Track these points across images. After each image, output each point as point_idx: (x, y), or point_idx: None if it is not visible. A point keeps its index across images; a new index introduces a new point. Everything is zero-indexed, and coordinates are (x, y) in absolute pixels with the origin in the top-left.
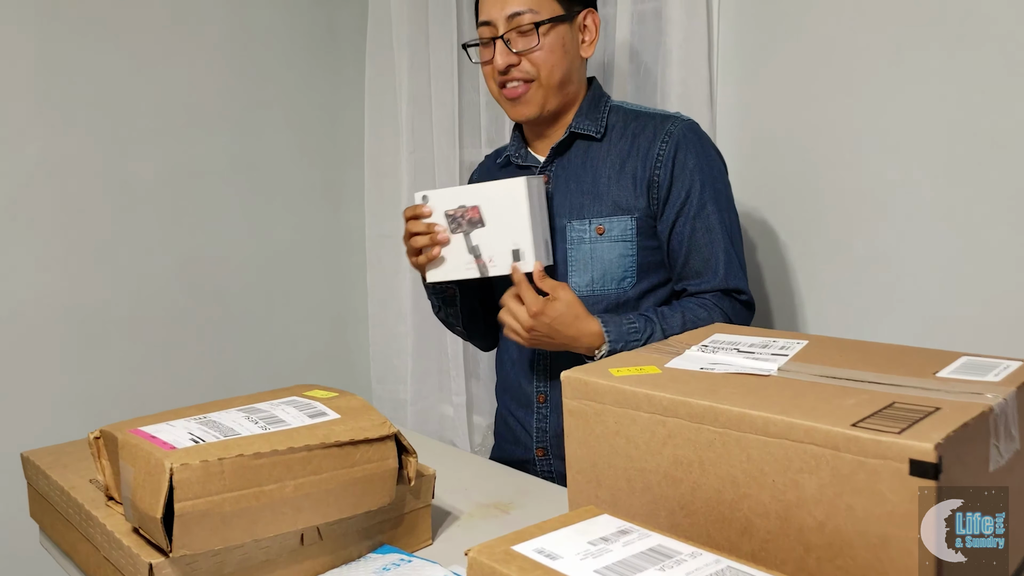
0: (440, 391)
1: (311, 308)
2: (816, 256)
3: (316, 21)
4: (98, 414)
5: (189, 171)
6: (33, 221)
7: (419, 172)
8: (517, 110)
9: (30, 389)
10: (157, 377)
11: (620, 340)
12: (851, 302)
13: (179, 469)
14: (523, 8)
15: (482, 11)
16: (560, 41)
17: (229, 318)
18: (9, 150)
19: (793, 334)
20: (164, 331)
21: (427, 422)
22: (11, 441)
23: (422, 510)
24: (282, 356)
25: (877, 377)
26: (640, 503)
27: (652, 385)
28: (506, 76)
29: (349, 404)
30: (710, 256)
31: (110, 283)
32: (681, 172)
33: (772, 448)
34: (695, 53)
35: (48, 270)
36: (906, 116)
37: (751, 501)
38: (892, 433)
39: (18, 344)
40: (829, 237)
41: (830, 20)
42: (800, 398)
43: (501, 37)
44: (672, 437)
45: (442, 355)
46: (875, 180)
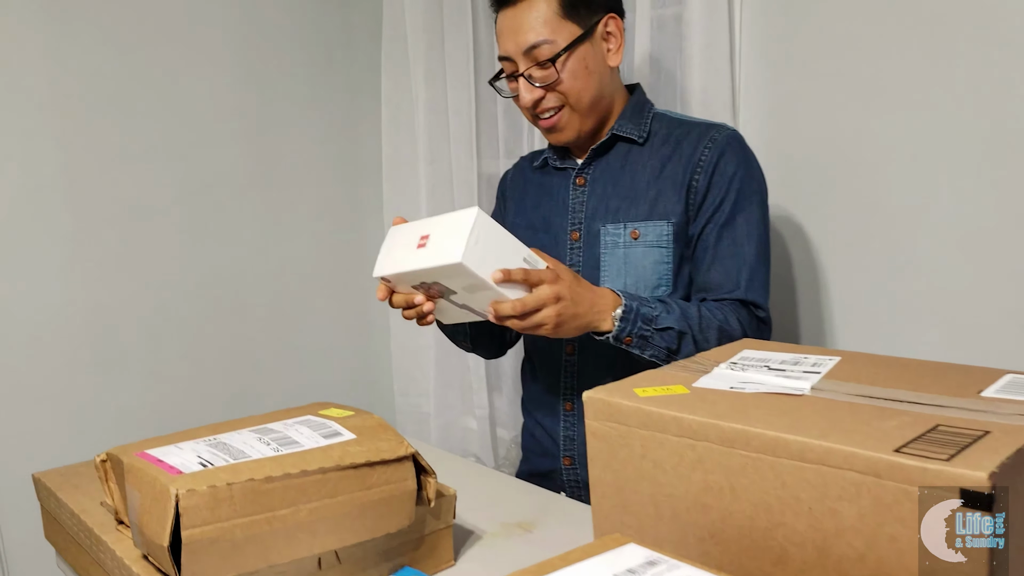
0: (463, 404)
1: (332, 320)
2: (843, 266)
3: (331, 33)
4: (117, 430)
5: (207, 184)
6: (51, 236)
7: (437, 182)
8: (555, 137)
9: (49, 405)
10: (178, 392)
11: (634, 299)
12: (882, 315)
13: (185, 495)
14: (538, 40)
15: (500, 44)
16: (582, 63)
17: (249, 332)
18: (26, 165)
19: (824, 350)
20: (184, 346)
21: (451, 435)
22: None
23: (443, 531)
24: (303, 369)
25: (917, 397)
26: (668, 530)
27: (679, 406)
28: (536, 109)
29: (365, 423)
30: (732, 267)
31: (129, 298)
32: (720, 179)
33: (808, 474)
34: (717, 59)
35: (66, 285)
36: (936, 121)
37: (786, 529)
38: (940, 460)
39: (36, 360)
40: (857, 247)
41: (855, 23)
42: (836, 420)
43: (522, 74)
44: (702, 461)
45: (464, 368)
46: (905, 187)
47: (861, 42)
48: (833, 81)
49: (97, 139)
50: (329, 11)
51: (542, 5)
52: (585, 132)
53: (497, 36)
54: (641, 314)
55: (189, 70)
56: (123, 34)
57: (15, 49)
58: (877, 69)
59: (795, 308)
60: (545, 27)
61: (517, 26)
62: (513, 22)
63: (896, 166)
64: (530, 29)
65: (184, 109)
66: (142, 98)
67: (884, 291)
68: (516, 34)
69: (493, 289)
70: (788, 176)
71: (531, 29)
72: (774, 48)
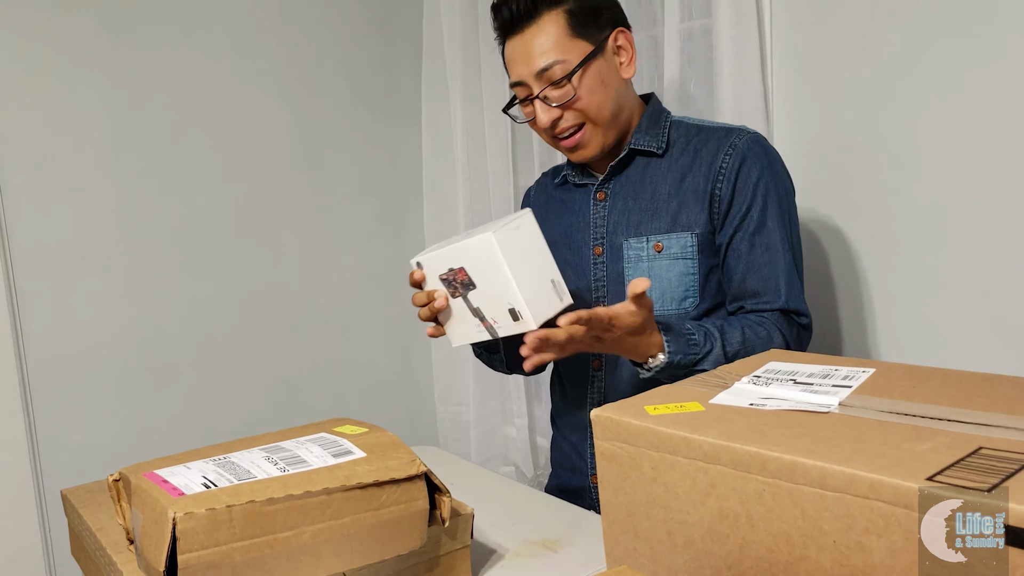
0: (503, 412)
1: (376, 332)
2: (884, 273)
3: (374, 62)
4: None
5: (256, 208)
6: (105, 259)
7: (475, 198)
8: (579, 155)
9: (103, 420)
10: (226, 407)
11: (679, 352)
12: (926, 323)
13: (183, 519)
14: (550, 61)
15: (511, 71)
16: (598, 77)
17: (296, 346)
18: (81, 189)
19: (859, 361)
20: (232, 361)
21: (491, 443)
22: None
23: (459, 551)
24: (348, 380)
25: (957, 414)
26: (682, 559)
27: (691, 427)
28: (555, 130)
29: (377, 441)
30: (769, 275)
31: (180, 318)
32: (744, 186)
33: (831, 504)
34: (747, 67)
35: (118, 306)
36: (971, 120)
37: (809, 564)
38: (980, 491)
39: (92, 376)
40: (899, 253)
41: (884, 27)
42: (863, 441)
43: (537, 96)
44: (715, 487)
45: (503, 377)
46: (945, 187)
47: (891, 45)
48: (869, 83)
49: (151, 167)
50: (372, 42)
51: (551, 27)
52: (608, 146)
53: (507, 64)
54: (682, 365)
55: (239, 101)
56: (177, 69)
57: (75, 80)
58: (908, 71)
59: (836, 315)
60: (556, 48)
61: (528, 51)
62: (523, 48)
63: (934, 166)
64: (541, 52)
65: (234, 138)
66: (194, 127)
67: (932, 300)
68: (528, 58)
69: (512, 291)
70: (825, 181)
71: (542, 52)
72: (805, 55)
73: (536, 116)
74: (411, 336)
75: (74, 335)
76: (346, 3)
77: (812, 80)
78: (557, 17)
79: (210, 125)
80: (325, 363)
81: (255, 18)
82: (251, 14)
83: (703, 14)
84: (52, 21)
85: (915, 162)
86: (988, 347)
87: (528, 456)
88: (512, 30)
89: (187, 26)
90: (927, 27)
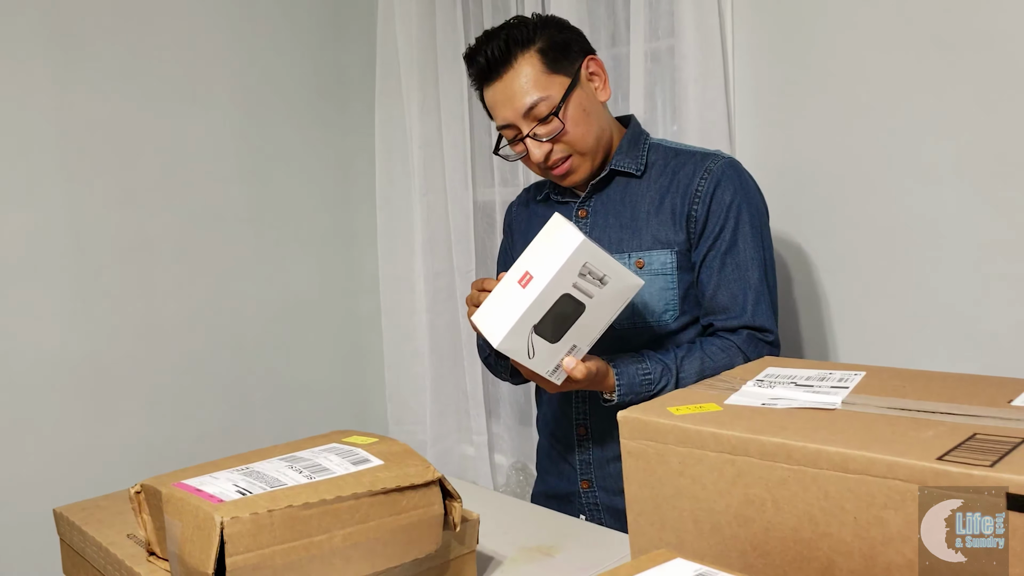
0: (460, 431)
1: (327, 351)
2: (848, 288)
3: (324, 70)
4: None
5: (205, 221)
6: (51, 273)
7: (432, 213)
8: (569, 180)
9: (51, 442)
10: (175, 427)
11: (630, 393)
12: (889, 334)
13: (230, 523)
14: (534, 99)
15: (496, 115)
16: (580, 108)
17: (246, 365)
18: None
19: (849, 365)
20: (181, 380)
21: (447, 463)
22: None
23: (467, 556)
24: (298, 401)
25: (949, 408)
26: (709, 544)
27: (717, 423)
28: (547, 163)
29: (391, 449)
30: (738, 292)
31: (127, 334)
32: (718, 208)
33: (852, 484)
34: (712, 89)
35: (65, 322)
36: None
37: (832, 540)
38: (983, 466)
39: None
40: (861, 269)
41: (848, 44)
42: (874, 431)
43: (528, 135)
44: (742, 476)
45: (461, 394)
46: (907, 202)
47: (855, 62)
48: (831, 105)
49: (96, 178)
50: (324, 50)
51: (527, 68)
52: (595, 169)
53: (490, 108)
54: (635, 402)
55: (187, 110)
56: (124, 77)
57: (23, 91)
58: (872, 88)
59: (797, 327)
60: (536, 87)
61: (511, 94)
62: (505, 92)
63: (895, 181)
64: (524, 93)
65: (184, 150)
66: (140, 139)
67: (895, 312)
68: (512, 100)
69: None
70: (789, 197)
71: (525, 92)
72: (768, 75)
73: (529, 153)
74: (364, 355)
75: (17, 352)
76: (297, 11)
77: (773, 101)
78: (531, 58)
79: (159, 137)
80: (275, 383)
81: (203, 25)
82: (200, 21)
83: (668, 34)
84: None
85: (873, 177)
86: (953, 352)
87: (488, 475)
88: (490, 77)
89: (136, 36)
90: (889, 47)
